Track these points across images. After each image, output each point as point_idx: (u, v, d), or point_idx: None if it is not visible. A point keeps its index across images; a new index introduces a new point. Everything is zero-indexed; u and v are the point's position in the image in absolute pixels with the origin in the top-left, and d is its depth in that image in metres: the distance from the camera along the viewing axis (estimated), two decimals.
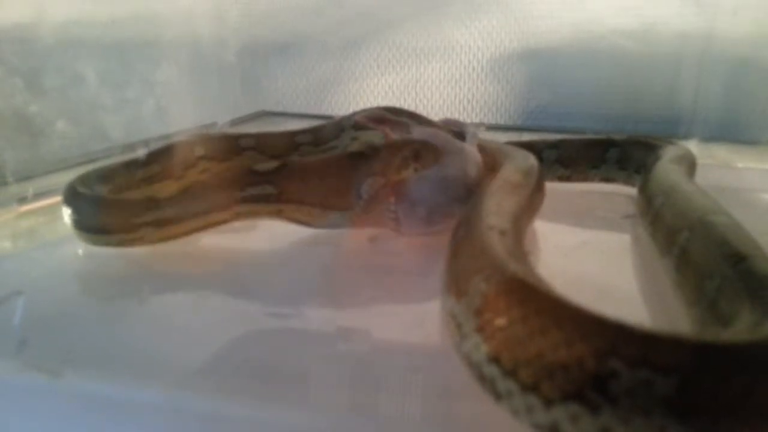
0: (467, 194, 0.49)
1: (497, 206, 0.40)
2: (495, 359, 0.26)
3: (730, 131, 0.83)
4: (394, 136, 0.52)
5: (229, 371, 0.34)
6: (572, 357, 0.23)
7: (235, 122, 1.02)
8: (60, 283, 0.46)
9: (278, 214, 0.49)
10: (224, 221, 0.49)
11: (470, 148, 0.53)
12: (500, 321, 0.27)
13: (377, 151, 0.50)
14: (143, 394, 0.32)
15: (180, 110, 0.85)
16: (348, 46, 1.02)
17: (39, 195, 0.60)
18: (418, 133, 0.52)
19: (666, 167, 0.52)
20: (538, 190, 0.49)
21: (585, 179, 0.65)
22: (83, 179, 0.51)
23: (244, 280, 0.46)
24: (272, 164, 0.49)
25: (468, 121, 0.98)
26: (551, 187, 0.52)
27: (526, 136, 0.86)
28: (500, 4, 0.92)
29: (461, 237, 0.36)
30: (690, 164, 0.55)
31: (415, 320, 0.39)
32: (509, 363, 0.25)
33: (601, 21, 0.86)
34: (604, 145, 0.64)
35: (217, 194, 0.48)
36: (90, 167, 0.55)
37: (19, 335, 0.38)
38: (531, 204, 0.46)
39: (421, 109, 0.73)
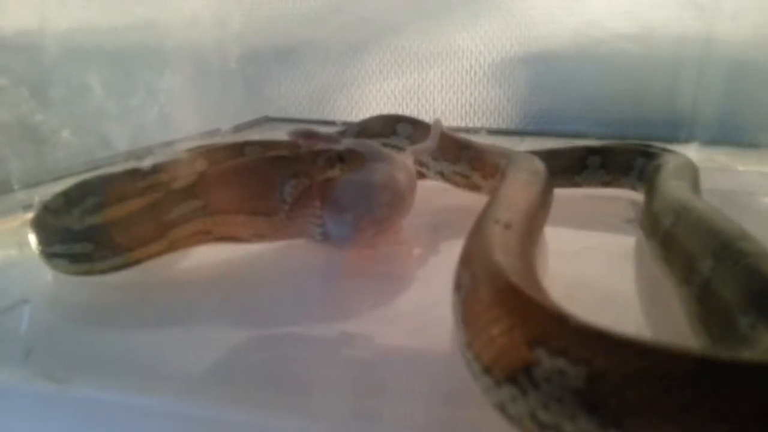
0: (397, 201, 0.49)
1: (505, 201, 0.42)
2: (470, 345, 0.28)
3: (731, 134, 0.83)
4: (320, 146, 0.49)
5: (233, 378, 0.34)
6: (512, 342, 0.26)
7: (237, 128, 1.02)
8: (66, 290, 0.46)
9: (207, 235, 0.47)
10: (159, 253, 0.46)
11: (401, 158, 0.53)
12: (475, 309, 0.29)
13: (300, 154, 0.48)
14: (150, 401, 0.32)
15: (183, 117, 0.86)
16: (350, 51, 1.02)
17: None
18: (345, 144, 0.50)
19: (672, 184, 0.49)
20: (548, 188, 0.49)
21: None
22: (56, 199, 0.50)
23: (245, 287, 0.46)
24: (191, 178, 0.47)
25: (470, 125, 0.98)
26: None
27: (528, 140, 0.86)
28: (501, 9, 0.92)
29: (470, 233, 0.37)
30: (694, 175, 0.54)
31: (417, 326, 0.39)
32: (477, 347, 0.28)
33: (601, 25, 0.87)
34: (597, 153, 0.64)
35: (147, 223, 0.45)
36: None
37: (26, 343, 0.39)
38: (542, 201, 0.47)
39: (423, 114, 0.73)
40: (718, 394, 0.21)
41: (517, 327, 0.26)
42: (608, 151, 0.64)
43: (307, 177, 0.46)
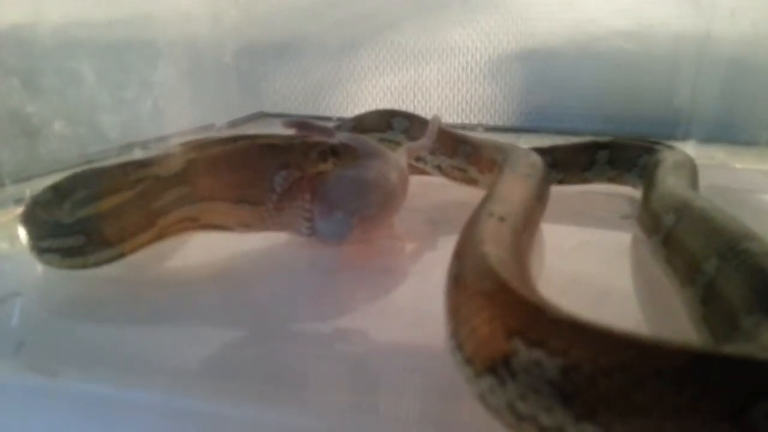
0: (388, 199, 0.48)
1: (501, 194, 0.42)
2: (454, 335, 0.28)
3: (728, 132, 0.83)
4: (315, 138, 0.48)
5: (227, 372, 0.34)
6: (492, 333, 0.26)
7: (232, 124, 1.02)
8: (58, 284, 0.45)
9: (194, 222, 0.46)
10: (150, 241, 0.45)
11: (394, 156, 0.52)
12: (460, 299, 0.29)
13: (293, 144, 0.46)
14: (141, 395, 0.32)
15: (177, 111, 0.85)
16: (346, 47, 1.02)
17: None
18: (339, 137, 0.49)
19: (670, 180, 0.49)
20: (544, 182, 0.49)
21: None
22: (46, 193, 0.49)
23: (240, 281, 0.46)
24: (179, 165, 0.46)
25: (467, 122, 0.98)
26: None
27: (524, 137, 0.86)
28: (498, 5, 0.92)
29: (465, 226, 0.36)
30: (692, 171, 0.53)
31: (413, 321, 0.38)
32: (461, 337, 0.28)
33: (598, 22, 0.87)
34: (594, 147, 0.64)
35: (136, 212, 0.44)
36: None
37: (17, 336, 0.38)
38: (539, 195, 0.46)
39: (419, 111, 0.73)
40: (692, 386, 0.21)
41: (496, 317, 0.26)
42: (616, 146, 0.63)
43: (298, 169, 0.45)
